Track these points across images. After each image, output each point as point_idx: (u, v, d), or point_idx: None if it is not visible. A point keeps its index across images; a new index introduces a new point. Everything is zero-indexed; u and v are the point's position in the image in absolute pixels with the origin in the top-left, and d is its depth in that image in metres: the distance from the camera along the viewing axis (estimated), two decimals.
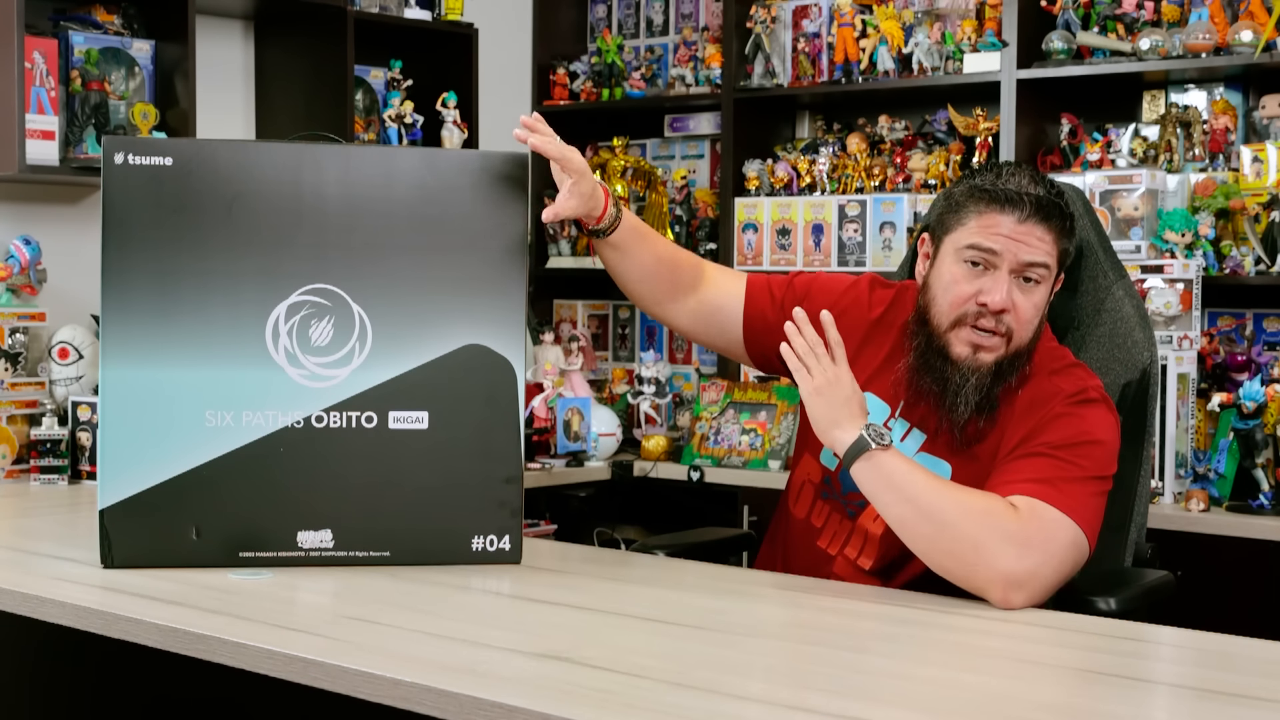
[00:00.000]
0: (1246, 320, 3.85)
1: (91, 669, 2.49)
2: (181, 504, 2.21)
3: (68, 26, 3.52)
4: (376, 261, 2.23)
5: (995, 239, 2.15)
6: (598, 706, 1.55)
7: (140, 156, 2.21)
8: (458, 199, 2.25)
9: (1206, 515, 3.36)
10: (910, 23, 4.23)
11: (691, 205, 4.68)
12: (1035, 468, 2.11)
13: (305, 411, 2.22)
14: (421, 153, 2.39)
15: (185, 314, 2.21)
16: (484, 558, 2.25)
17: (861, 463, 2.07)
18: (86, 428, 3.23)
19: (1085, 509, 2.09)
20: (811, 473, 2.38)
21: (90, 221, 3.72)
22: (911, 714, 1.58)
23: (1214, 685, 1.74)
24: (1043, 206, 2.15)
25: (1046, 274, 2.18)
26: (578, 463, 4.06)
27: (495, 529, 2.25)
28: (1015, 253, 2.15)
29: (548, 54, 4.93)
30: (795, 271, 2.48)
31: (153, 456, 2.21)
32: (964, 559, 2.00)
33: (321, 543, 2.23)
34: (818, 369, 2.14)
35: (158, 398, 2.21)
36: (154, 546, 2.22)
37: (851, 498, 2.29)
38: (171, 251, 2.22)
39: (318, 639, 1.82)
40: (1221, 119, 3.85)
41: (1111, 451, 2.18)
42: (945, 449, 2.24)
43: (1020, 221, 2.15)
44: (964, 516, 2.02)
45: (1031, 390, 2.21)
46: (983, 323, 2.18)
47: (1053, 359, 2.26)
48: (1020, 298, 2.16)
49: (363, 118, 4.19)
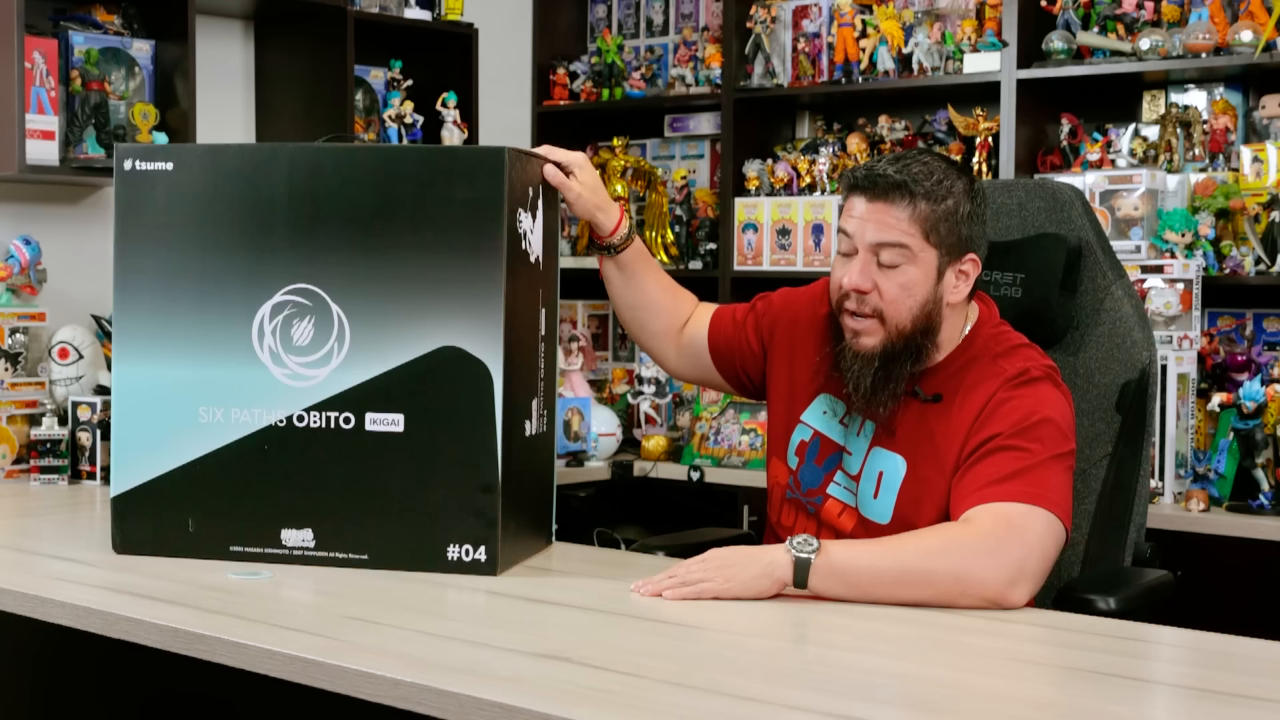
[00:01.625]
0: (1246, 320, 3.85)
1: (92, 669, 2.49)
2: (178, 496, 2.28)
3: (68, 26, 3.52)
4: (354, 261, 2.21)
5: (849, 221, 2.21)
6: (598, 706, 1.55)
7: (145, 162, 2.28)
8: (434, 196, 2.19)
9: (1206, 515, 3.36)
10: (910, 23, 4.23)
11: (691, 205, 4.68)
12: (992, 468, 2.12)
13: (287, 410, 2.24)
14: (400, 150, 2.35)
15: (182, 313, 2.27)
16: (459, 567, 2.18)
17: (812, 581, 2.03)
18: (86, 428, 3.23)
19: (1050, 491, 2.09)
20: (779, 474, 2.40)
21: (90, 221, 3.72)
22: (911, 714, 1.58)
23: (1214, 685, 1.74)
24: (892, 186, 2.17)
25: (906, 253, 2.18)
26: (578, 463, 4.06)
27: (471, 539, 2.18)
28: (864, 233, 2.19)
29: (548, 54, 4.93)
30: (758, 295, 2.51)
31: (154, 449, 2.29)
32: (952, 592, 2.01)
33: (303, 542, 2.24)
34: (703, 573, 2.06)
35: (158, 393, 2.28)
36: (155, 535, 2.29)
37: (810, 494, 2.33)
38: (171, 253, 2.28)
39: (318, 639, 1.82)
40: (1221, 119, 3.85)
41: (1063, 426, 2.17)
42: (897, 441, 2.25)
43: (869, 202, 2.19)
44: (928, 560, 2.02)
45: (976, 373, 2.22)
46: (848, 304, 2.23)
47: (997, 342, 2.26)
48: (882, 278, 2.19)
49: (363, 118, 4.19)
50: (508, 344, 2.18)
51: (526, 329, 2.28)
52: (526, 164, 2.27)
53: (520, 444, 2.26)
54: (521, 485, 2.28)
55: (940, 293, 2.21)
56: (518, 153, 2.22)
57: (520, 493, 2.27)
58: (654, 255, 4.63)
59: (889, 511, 2.23)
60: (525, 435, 2.28)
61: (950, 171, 2.23)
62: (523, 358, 2.26)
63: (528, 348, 2.29)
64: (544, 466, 2.40)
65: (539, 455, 2.36)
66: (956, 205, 2.20)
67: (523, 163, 2.25)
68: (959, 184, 2.22)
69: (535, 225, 2.29)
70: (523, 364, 2.26)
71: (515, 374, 2.22)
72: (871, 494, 2.26)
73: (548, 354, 2.37)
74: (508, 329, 2.18)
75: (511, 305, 2.19)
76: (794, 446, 2.37)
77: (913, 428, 2.24)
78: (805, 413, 2.36)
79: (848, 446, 2.30)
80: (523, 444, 2.27)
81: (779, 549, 2.04)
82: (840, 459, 2.31)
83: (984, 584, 2.00)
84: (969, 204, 2.22)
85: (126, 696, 2.48)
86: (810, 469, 2.34)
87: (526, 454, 2.29)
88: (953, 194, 2.20)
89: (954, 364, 2.24)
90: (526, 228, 2.25)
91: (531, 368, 2.31)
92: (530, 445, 2.31)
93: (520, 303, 2.24)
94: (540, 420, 2.36)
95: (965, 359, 2.24)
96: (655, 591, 2.05)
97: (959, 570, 2.00)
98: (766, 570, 2.03)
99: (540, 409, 2.35)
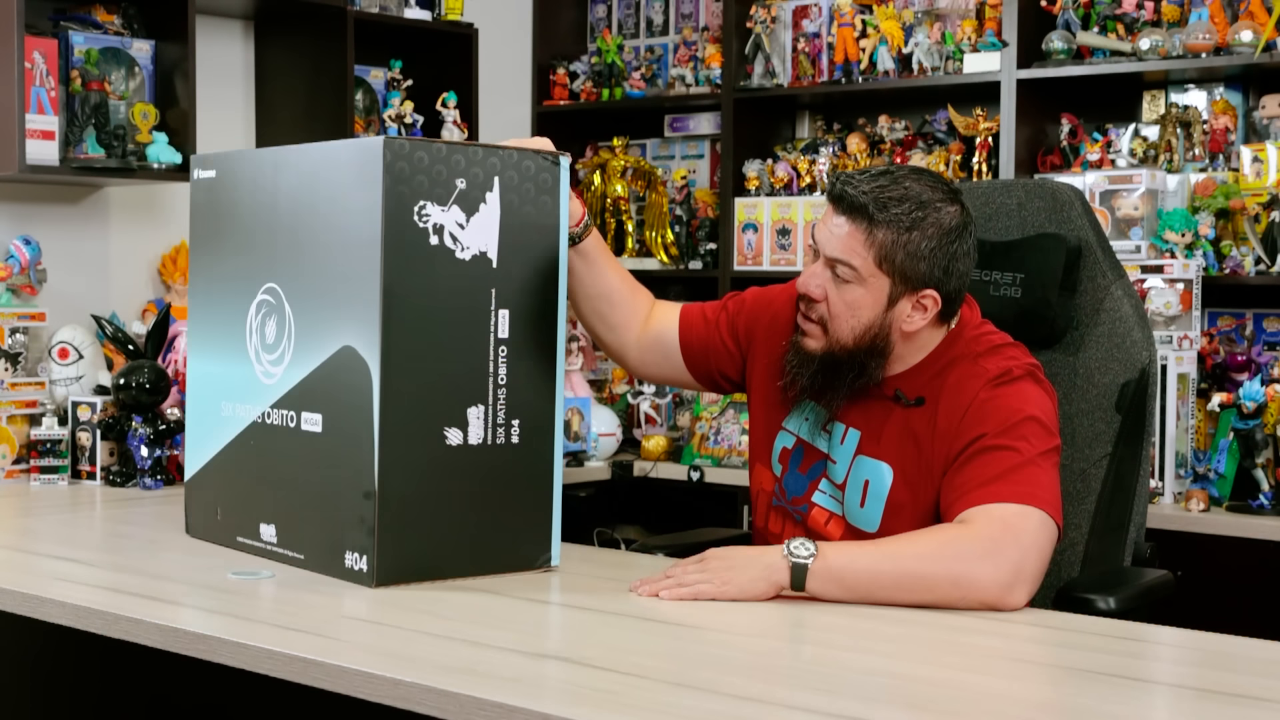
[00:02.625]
0: (1246, 320, 3.85)
1: (92, 669, 2.49)
2: (209, 486, 2.43)
3: (68, 26, 3.52)
4: (299, 260, 2.22)
5: (819, 228, 2.22)
6: (598, 706, 1.55)
7: (201, 170, 2.44)
8: (336, 192, 2.13)
9: (1206, 515, 3.36)
10: (910, 23, 4.23)
11: (691, 205, 4.68)
12: (979, 470, 2.11)
13: (261, 407, 2.29)
14: (303, 149, 2.25)
15: (215, 313, 2.41)
16: (352, 576, 2.10)
17: (810, 584, 2.02)
18: (86, 428, 3.23)
19: (1039, 489, 2.09)
20: (764, 482, 2.40)
21: (90, 221, 3.72)
22: (911, 714, 1.58)
23: (1214, 685, 1.74)
24: (856, 206, 2.16)
25: (853, 274, 2.17)
26: (578, 463, 4.06)
27: (358, 547, 2.09)
28: (825, 244, 2.20)
29: (548, 54, 4.93)
30: (728, 294, 2.51)
31: (198, 441, 2.46)
32: (951, 596, 2.01)
33: (271, 537, 2.27)
34: (700, 575, 2.06)
35: (200, 388, 2.46)
36: (202, 522, 2.46)
37: (795, 502, 2.32)
38: (212, 255, 2.43)
39: (318, 639, 1.82)
40: (1221, 119, 3.85)
41: (1047, 423, 2.17)
42: (882, 449, 2.24)
43: (835, 214, 2.20)
44: (925, 564, 2.02)
45: (957, 374, 2.21)
46: (801, 306, 2.25)
47: (978, 343, 2.25)
48: (834, 291, 2.20)
49: (363, 118, 4.19)
50: (394, 345, 2.06)
51: (444, 329, 2.11)
52: (447, 155, 2.10)
53: (440, 453, 2.10)
54: (446, 498, 2.12)
55: (890, 319, 2.19)
56: (424, 143, 2.09)
57: (440, 505, 2.12)
58: (654, 255, 4.67)
59: (877, 520, 2.23)
60: (450, 444, 2.11)
61: (932, 203, 2.17)
62: (436, 360, 2.10)
63: (447, 350, 2.11)
64: (506, 480, 2.18)
65: (495, 469, 2.16)
66: (922, 238, 2.15)
67: (435, 154, 2.09)
68: (938, 216, 2.16)
69: (472, 219, 2.12)
70: (434, 367, 2.10)
71: (410, 377, 2.07)
72: (858, 503, 2.25)
73: (511, 358, 2.16)
74: (396, 329, 2.06)
75: (406, 304, 2.06)
76: (777, 453, 2.36)
77: (896, 433, 2.23)
78: (787, 419, 2.36)
79: (831, 454, 2.29)
80: (445, 453, 2.11)
81: (776, 552, 2.04)
82: (825, 467, 2.30)
83: (983, 589, 2.00)
84: (939, 240, 2.16)
85: (126, 696, 2.48)
86: (794, 476, 2.34)
87: (461, 465, 2.12)
88: (922, 226, 2.15)
89: (934, 365, 2.24)
90: (439, 221, 2.09)
91: (464, 371, 2.13)
92: (470, 456, 2.13)
93: (430, 302, 2.09)
94: (495, 431, 2.16)
95: (946, 360, 2.23)
96: (653, 592, 2.05)
97: (957, 575, 2.00)
98: (764, 574, 2.03)
99: (492, 418, 2.15)
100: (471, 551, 2.16)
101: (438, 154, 2.09)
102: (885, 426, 2.24)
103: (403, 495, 2.08)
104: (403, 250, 2.06)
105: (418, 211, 2.07)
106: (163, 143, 3.57)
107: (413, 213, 2.07)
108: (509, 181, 2.15)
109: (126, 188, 3.75)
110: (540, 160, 2.18)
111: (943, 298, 2.19)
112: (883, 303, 2.18)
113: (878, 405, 2.25)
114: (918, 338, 2.23)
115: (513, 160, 2.16)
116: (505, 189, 2.15)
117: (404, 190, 2.05)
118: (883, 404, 2.24)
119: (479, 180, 2.13)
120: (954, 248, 2.18)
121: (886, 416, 2.24)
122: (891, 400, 2.24)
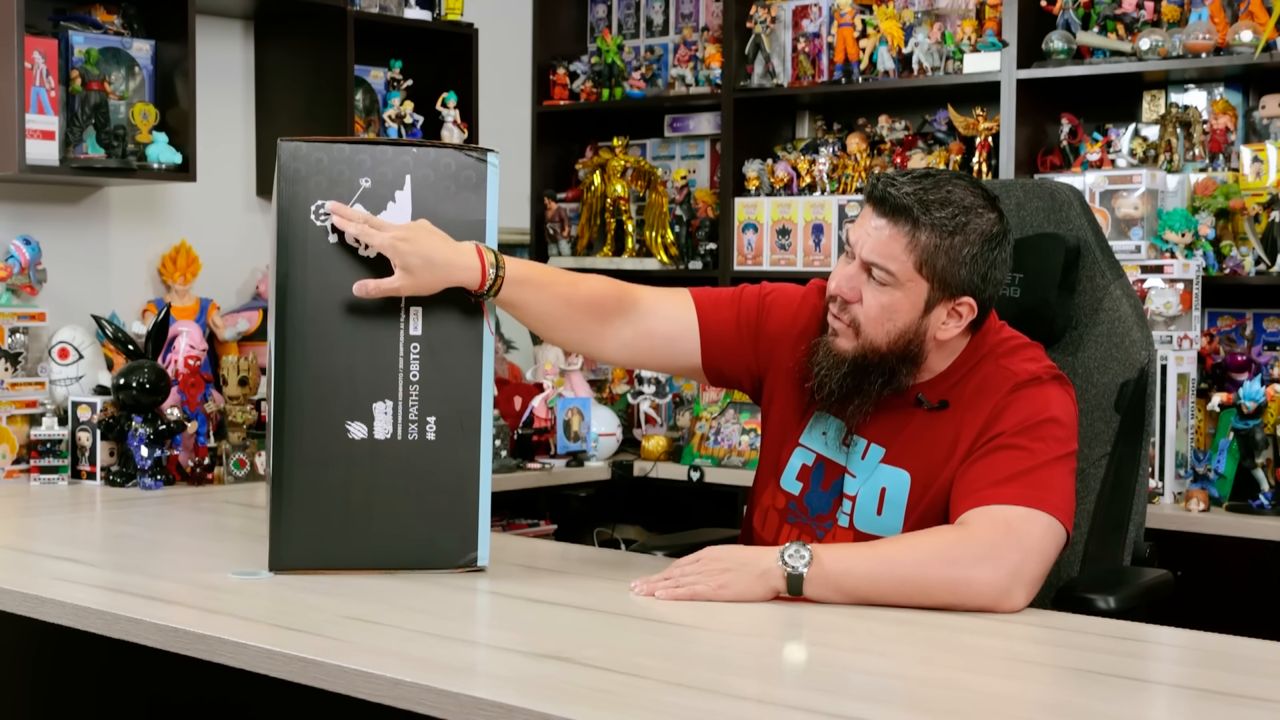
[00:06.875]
0: (1246, 320, 3.85)
1: (92, 669, 2.49)
2: None
3: (68, 26, 3.52)
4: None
5: (855, 229, 2.18)
6: (598, 706, 1.55)
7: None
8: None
9: (1206, 515, 3.36)
10: (910, 23, 4.23)
11: (691, 205, 4.68)
12: (995, 467, 2.09)
13: None
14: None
15: None
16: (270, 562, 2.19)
17: (807, 590, 2.02)
18: (86, 428, 3.23)
19: (1050, 493, 2.07)
20: (776, 499, 2.34)
21: (90, 221, 3.72)
22: (911, 714, 1.58)
23: (1214, 685, 1.74)
24: (900, 208, 2.12)
25: (889, 278, 2.12)
26: (578, 463, 4.06)
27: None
28: (862, 246, 2.15)
29: (548, 54, 4.93)
30: (741, 286, 2.38)
31: None
32: (947, 600, 2.00)
33: None
34: (696, 575, 2.05)
35: None
36: None
37: (820, 519, 2.28)
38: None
39: (318, 639, 1.82)
40: (1221, 119, 3.85)
41: (1069, 427, 2.16)
42: (901, 455, 2.21)
43: (876, 216, 2.15)
44: (923, 568, 2.01)
45: (982, 373, 2.19)
46: (833, 307, 2.20)
47: (1004, 346, 2.23)
48: (868, 293, 2.15)
49: (363, 118, 4.19)
50: (289, 340, 2.11)
51: (344, 326, 2.12)
52: (351, 154, 2.13)
53: (342, 446, 2.13)
54: (344, 490, 2.14)
55: (926, 325, 2.15)
56: (324, 144, 2.12)
57: (337, 497, 2.14)
58: (654, 255, 4.66)
59: (898, 528, 2.19)
60: (353, 438, 2.13)
61: (974, 208, 2.13)
62: (336, 355, 2.12)
63: (349, 346, 2.12)
64: (419, 476, 2.16)
65: (407, 465, 2.15)
66: (965, 244, 2.12)
67: (336, 154, 2.12)
68: (979, 222, 2.13)
69: (379, 217, 2.13)
70: (334, 361, 2.12)
71: (307, 371, 2.11)
72: (874, 510, 2.22)
73: (425, 355, 2.14)
74: (290, 325, 2.11)
75: (301, 300, 2.11)
76: (795, 471, 2.31)
77: (916, 438, 2.20)
78: (804, 435, 2.31)
79: (850, 469, 2.25)
80: (347, 446, 2.13)
81: (772, 556, 2.02)
82: (844, 482, 2.26)
83: (980, 593, 1.99)
84: (981, 246, 2.13)
85: (126, 696, 2.48)
86: (817, 494, 2.29)
87: (364, 459, 2.14)
88: (965, 231, 2.12)
89: (959, 371, 2.21)
90: None
91: (369, 367, 2.13)
92: (375, 450, 2.14)
93: (327, 298, 2.11)
94: (407, 427, 2.14)
95: (972, 363, 2.21)
96: (649, 591, 2.05)
97: (954, 578, 1.99)
98: (760, 579, 2.02)
99: (403, 414, 2.14)
100: (377, 544, 2.16)
101: (339, 154, 2.13)
102: (903, 432, 2.21)
103: (299, 485, 2.13)
104: (297, 248, 2.11)
105: (314, 211, 2.12)
106: (163, 143, 3.57)
107: (309, 212, 2.12)
108: (423, 179, 2.15)
109: (126, 188, 3.75)
110: (463, 157, 2.17)
111: (979, 306, 2.17)
112: (919, 308, 2.14)
113: (897, 414, 2.22)
114: (947, 345, 2.20)
115: (428, 158, 2.16)
116: (419, 186, 2.15)
117: (299, 190, 2.11)
118: (902, 411, 2.21)
119: (387, 179, 2.14)
120: (994, 255, 2.15)
121: (906, 422, 2.21)
122: (913, 406, 2.21)
